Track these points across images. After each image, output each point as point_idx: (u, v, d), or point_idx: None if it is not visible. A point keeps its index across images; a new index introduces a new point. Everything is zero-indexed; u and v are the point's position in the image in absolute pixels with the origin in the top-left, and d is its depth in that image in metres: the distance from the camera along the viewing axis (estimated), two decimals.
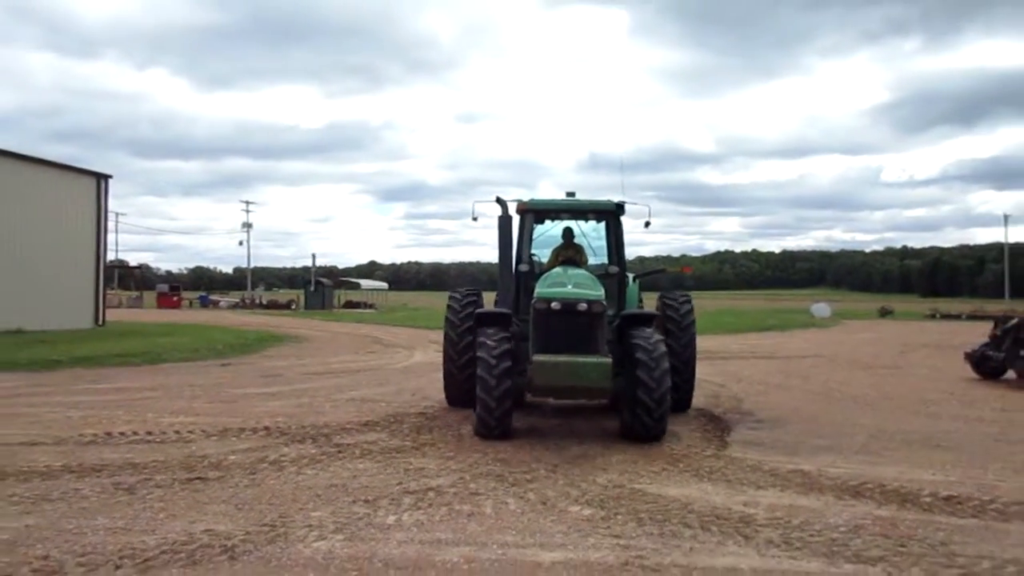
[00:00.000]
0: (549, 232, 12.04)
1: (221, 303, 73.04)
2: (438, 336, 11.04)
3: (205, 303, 72.96)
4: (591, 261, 11.78)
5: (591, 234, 12.04)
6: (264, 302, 71.03)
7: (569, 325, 9.32)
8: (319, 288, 67.26)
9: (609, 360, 9.16)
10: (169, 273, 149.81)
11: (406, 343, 26.98)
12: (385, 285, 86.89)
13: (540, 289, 9.66)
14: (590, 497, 6.84)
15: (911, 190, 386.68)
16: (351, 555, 5.30)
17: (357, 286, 79.80)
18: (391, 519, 6.13)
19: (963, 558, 5.42)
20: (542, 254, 11.96)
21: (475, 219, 11.25)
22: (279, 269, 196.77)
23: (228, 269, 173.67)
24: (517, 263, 10.91)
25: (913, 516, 6.47)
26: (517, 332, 9.87)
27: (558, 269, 10.51)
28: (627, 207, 11.18)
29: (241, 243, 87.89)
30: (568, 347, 9.19)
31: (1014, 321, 17.00)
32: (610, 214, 11.23)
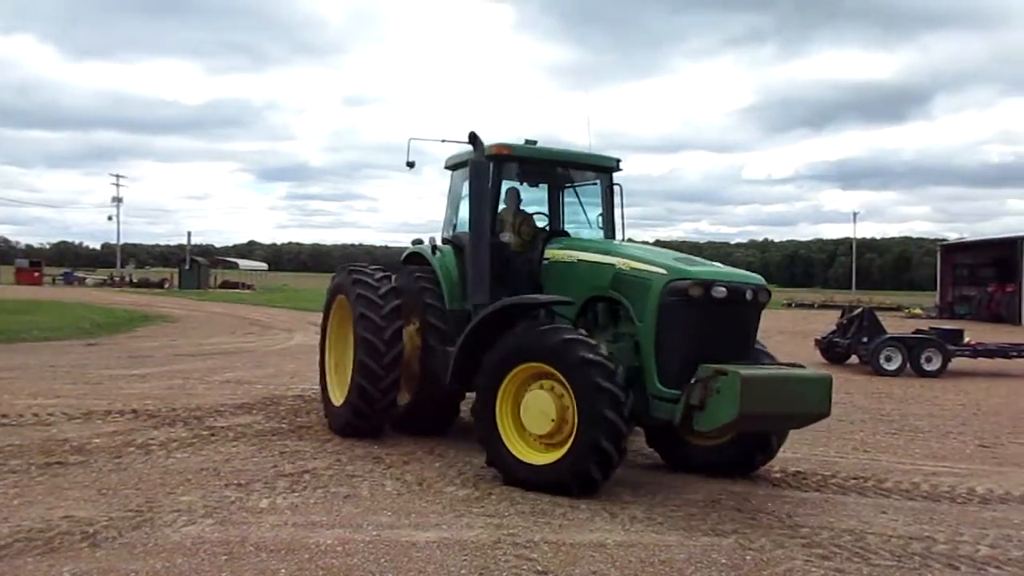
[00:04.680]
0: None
1: (87, 280, 69.10)
2: (318, 318, 10.72)
3: (69, 280, 68.77)
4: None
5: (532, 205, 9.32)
6: (135, 280, 67.59)
7: (725, 322, 6.78)
8: (194, 267, 64.50)
9: (830, 375, 6.73)
10: (29, 247, 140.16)
11: (285, 325, 26.42)
12: (264, 265, 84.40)
13: (682, 267, 6.84)
14: (466, 478, 6.99)
15: (770, 187, 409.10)
16: (222, 539, 5.23)
17: (235, 266, 77.12)
18: (264, 502, 6.07)
19: (806, 528, 5.90)
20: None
21: (411, 164, 8.76)
22: (151, 247, 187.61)
23: (96, 245, 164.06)
24: (492, 231, 8.15)
25: (764, 491, 6.98)
26: None
27: (653, 247, 8.31)
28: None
29: (111, 218, 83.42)
30: (721, 354, 6.55)
31: (858, 310, 18.53)
32: (609, 172, 8.97)
